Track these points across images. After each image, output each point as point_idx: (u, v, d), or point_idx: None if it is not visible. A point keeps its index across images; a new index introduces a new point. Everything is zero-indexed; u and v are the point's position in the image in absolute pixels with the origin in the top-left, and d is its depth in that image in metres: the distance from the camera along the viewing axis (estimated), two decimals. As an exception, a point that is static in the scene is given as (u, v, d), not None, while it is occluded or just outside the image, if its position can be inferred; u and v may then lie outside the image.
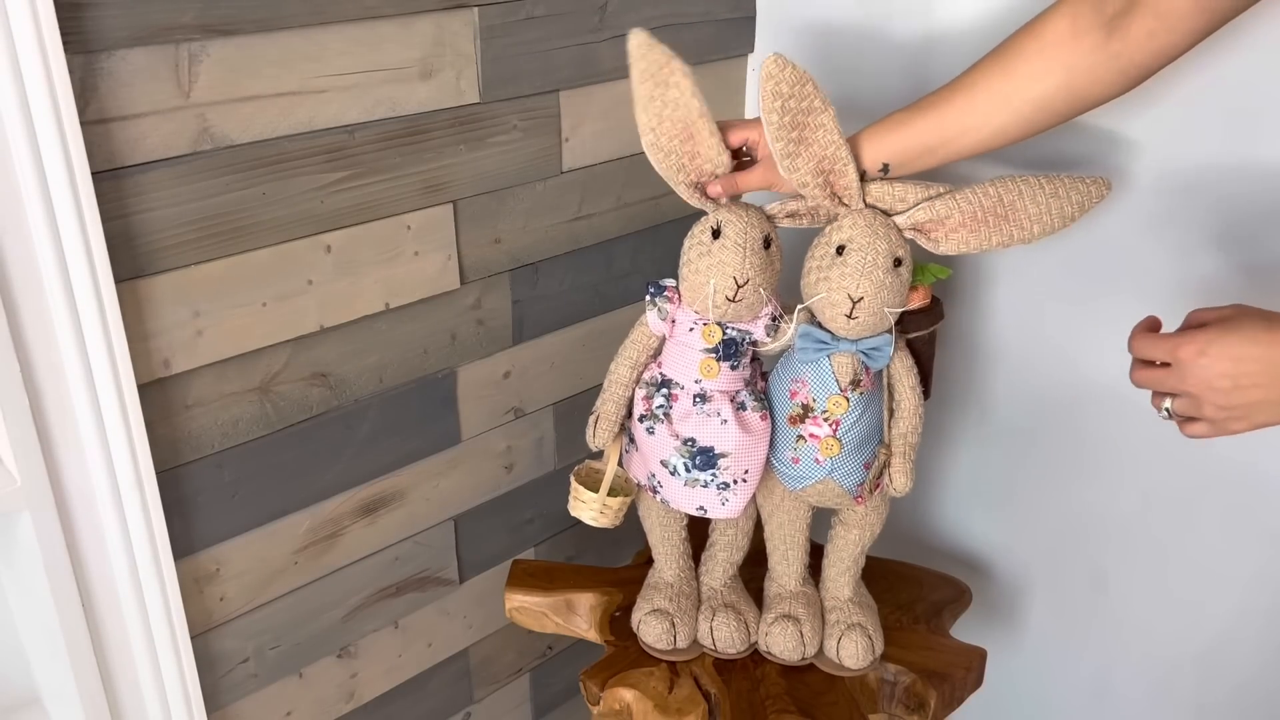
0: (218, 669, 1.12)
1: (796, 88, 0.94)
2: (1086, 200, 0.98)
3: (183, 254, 0.96)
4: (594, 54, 1.20)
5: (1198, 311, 0.83)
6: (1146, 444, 1.17)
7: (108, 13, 0.84)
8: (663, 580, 1.17)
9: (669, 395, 1.04)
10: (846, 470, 1.04)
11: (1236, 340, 0.76)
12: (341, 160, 1.03)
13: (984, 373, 1.29)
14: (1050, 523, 1.29)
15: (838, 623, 1.13)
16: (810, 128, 0.96)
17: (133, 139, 0.89)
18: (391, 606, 1.26)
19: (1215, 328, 0.78)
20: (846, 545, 1.13)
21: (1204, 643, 1.20)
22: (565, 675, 1.54)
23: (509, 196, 1.19)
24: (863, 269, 0.97)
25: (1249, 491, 1.12)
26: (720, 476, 1.04)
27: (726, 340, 1.02)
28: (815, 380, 1.02)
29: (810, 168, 0.97)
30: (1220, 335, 0.77)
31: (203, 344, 1.00)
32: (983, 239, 0.99)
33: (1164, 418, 0.84)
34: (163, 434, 1.00)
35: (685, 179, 1.00)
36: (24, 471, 0.90)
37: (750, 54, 1.38)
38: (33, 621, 1.02)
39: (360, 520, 1.19)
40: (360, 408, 1.14)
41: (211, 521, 1.06)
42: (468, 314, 1.20)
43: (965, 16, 1.17)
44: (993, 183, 0.97)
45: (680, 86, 0.96)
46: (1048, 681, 1.36)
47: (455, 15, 1.06)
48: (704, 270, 0.99)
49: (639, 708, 1.08)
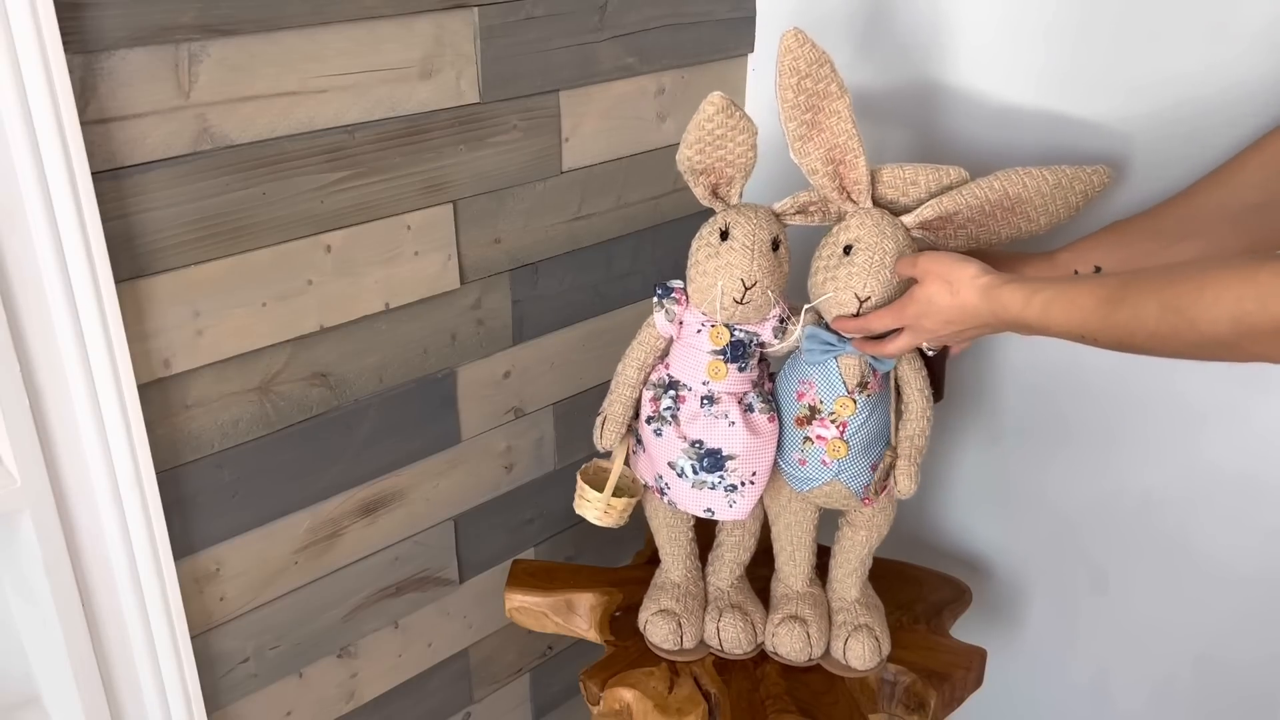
0: (218, 669, 1.12)
1: (814, 67, 0.93)
2: (1090, 189, 0.98)
3: (183, 254, 0.95)
4: (594, 54, 1.20)
5: (902, 263, 0.98)
6: (1147, 445, 1.17)
7: (108, 13, 0.84)
8: (670, 580, 1.17)
9: (676, 397, 1.04)
10: (853, 472, 1.04)
11: (935, 307, 0.93)
12: (341, 160, 1.03)
13: (986, 373, 1.29)
14: (1050, 523, 1.29)
15: (845, 623, 1.13)
16: (825, 112, 0.95)
17: (133, 139, 0.89)
18: (391, 606, 1.26)
19: (918, 303, 0.94)
20: (853, 546, 1.13)
21: (1204, 643, 1.20)
22: (565, 675, 1.54)
23: (509, 196, 1.19)
24: (870, 269, 0.97)
25: (1249, 492, 1.12)
26: (728, 479, 1.04)
27: (734, 342, 1.02)
28: (822, 382, 1.02)
29: (821, 154, 0.97)
30: (925, 307, 0.94)
31: (203, 344, 1.00)
32: (991, 233, 0.99)
33: (930, 352, 1.05)
34: (163, 434, 1.00)
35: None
36: (24, 471, 0.90)
37: (750, 54, 1.38)
38: (33, 621, 1.02)
39: (360, 520, 1.19)
40: (360, 408, 1.14)
41: (211, 521, 1.06)
42: (468, 314, 1.20)
43: (968, 17, 1.17)
44: (997, 176, 0.97)
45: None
46: (1047, 682, 1.36)
47: (455, 15, 1.06)
48: (712, 272, 0.99)
49: (639, 708, 1.08)
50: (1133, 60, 1.06)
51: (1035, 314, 0.84)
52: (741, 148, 0.97)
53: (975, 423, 1.32)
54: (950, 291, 0.91)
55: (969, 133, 1.20)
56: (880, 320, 0.98)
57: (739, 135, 0.96)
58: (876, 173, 1.00)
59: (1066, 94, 1.11)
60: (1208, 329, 0.71)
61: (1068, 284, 0.84)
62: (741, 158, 0.98)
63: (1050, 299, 0.83)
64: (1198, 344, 0.73)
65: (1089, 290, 0.81)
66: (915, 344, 0.98)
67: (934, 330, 0.95)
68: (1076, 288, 0.82)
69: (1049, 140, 1.13)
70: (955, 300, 0.91)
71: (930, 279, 0.93)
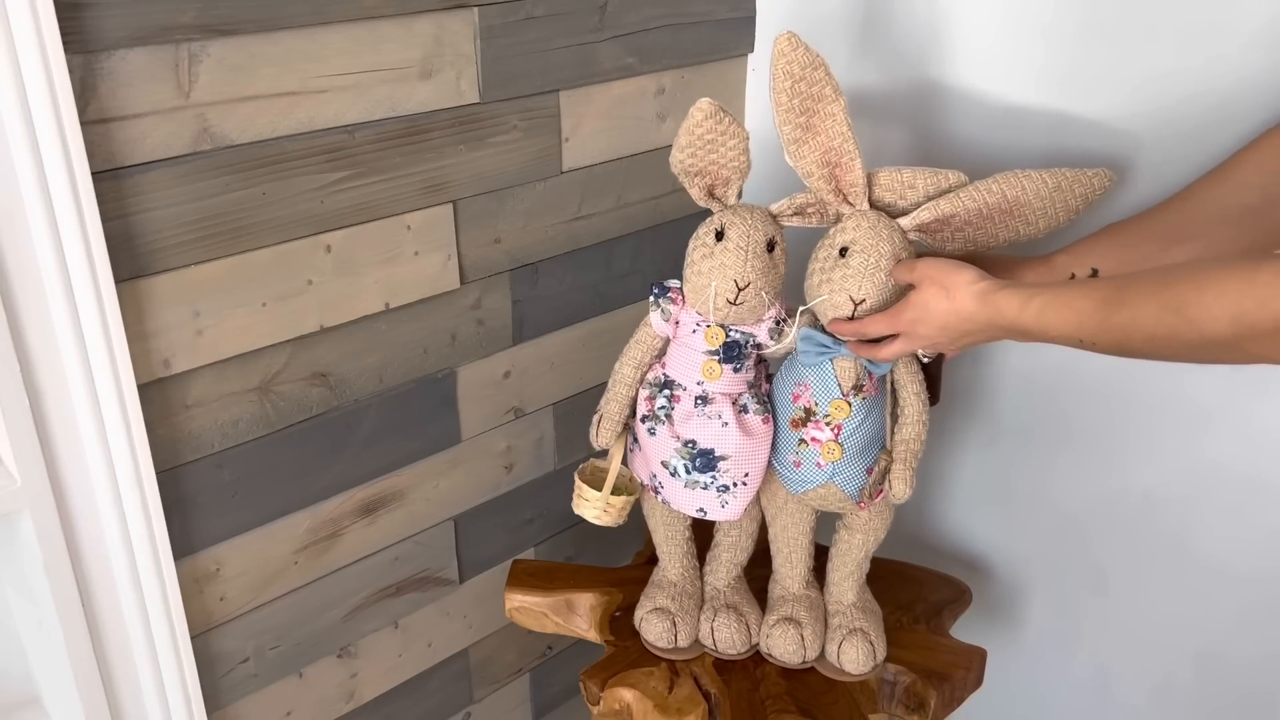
0: (218, 669, 1.12)
1: (808, 70, 0.93)
2: (1090, 193, 0.98)
3: (183, 254, 0.96)
4: (594, 54, 1.20)
5: (898, 268, 0.98)
6: (1147, 445, 1.17)
7: (108, 13, 0.84)
8: (666, 579, 1.17)
9: (671, 396, 1.04)
10: (848, 475, 1.04)
11: (931, 313, 0.93)
12: (341, 160, 1.03)
13: (985, 373, 1.29)
14: (1050, 523, 1.29)
15: (840, 627, 1.12)
16: (820, 115, 0.95)
17: (133, 139, 0.89)
18: (391, 606, 1.26)
19: (914, 308, 0.94)
20: (850, 549, 1.13)
21: (1205, 641, 1.20)
22: (565, 675, 1.54)
23: (509, 196, 1.19)
24: (865, 271, 0.96)
25: (1249, 492, 1.12)
26: (720, 479, 1.04)
27: (729, 343, 1.02)
28: (818, 384, 1.02)
29: (816, 158, 0.97)
30: (921, 312, 0.94)
31: (203, 344, 1.00)
32: (989, 236, 0.99)
33: (926, 358, 1.05)
34: (163, 434, 1.00)
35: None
36: (24, 471, 0.90)
37: (750, 54, 1.38)
38: (33, 621, 1.02)
39: (360, 520, 1.19)
40: (360, 408, 1.14)
41: (211, 521, 1.06)
42: (468, 314, 1.20)
43: (968, 18, 1.17)
44: (995, 179, 0.96)
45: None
46: (1048, 681, 1.36)
47: (455, 15, 1.06)
48: (706, 272, 0.99)
49: (639, 708, 1.08)
50: (1132, 59, 1.06)
51: (1032, 318, 0.84)
52: (733, 152, 0.97)
53: (976, 422, 1.32)
54: (946, 297, 0.91)
55: (968, 132, 1.20)
56: (875, 325, 0.97)
57: (729, 140, 0.96)
58: (874, 175, 1.00)
59: (1065, 93, 1.11)
60: (1207, 329, 0.71)
61: (1064, 287, 0.83)
62: (734, 161, 0.98)
63: (1047, 303, 0.83)
64: (1197, 345, 0.73)
65: (1086, 293, 0.81)
66: (910, 350, 0.98)
67: (929, 336, 0.95)
68: (1073, 291, 0.82)
69: (1048, 140, 1.13)
70: (951, 305, 0.91)
71: (926, 284, 0.93)
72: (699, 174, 0.99)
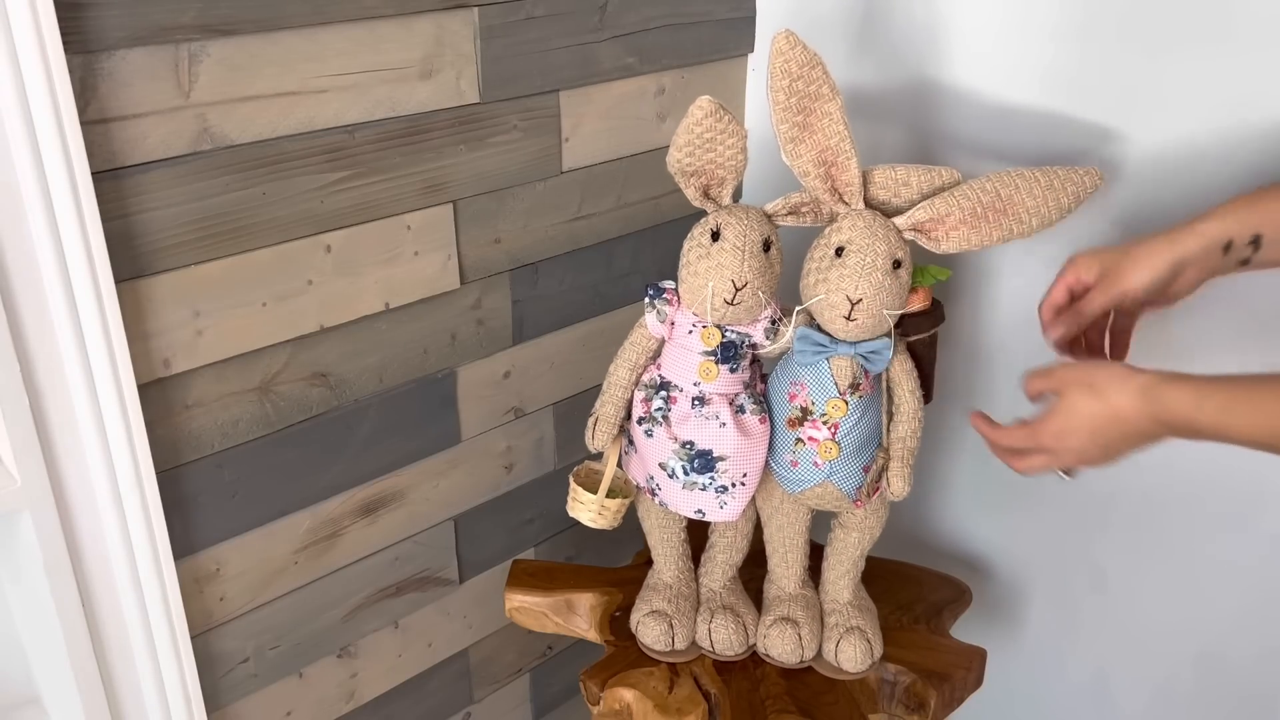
0: (218, 669, 1.12)
1: (806, 69, 0.94)
2: (1081, 191, 0.98)
3: (183, 254, 0.96)
4: (594, 54, 1.20)
5: (1033, 378, 0.90)
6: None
7: (108, 13, 0.84)
8: (661, 581, 1.17)
9: (668, 398, 1.04)
10: (845, 474, 1.04)
11: (1080, 419, 0.84)
12: (341, 160, 1.03)
13: (984, 372, 1.29)
14: (1050, 523, 1.29)
15: (836, 625, 1.12)
16: (816, 114, 0.95)
17: (133, 139, 0.89)
18: (391, 606, 1.26)
19: (1059, 416, 0.85)
20: (846, 548, 1.13)
21: (1204, 643, 1.20)
22: (565, 675, 1.54)
23: (509, 196, 1.19)
24: (861, 270, 0.97)
25: (1249, 492, 1.11)
26: (718, 480, 1.04)
27: (725, 343, 1.02)
28: (814, 383, 1.02)
29: (812, 156, 0.97)
30: (1067, 420, 0.85)
31: (203, 344, 1.00)
32: (983, 235, 0.99)
33: (1066, 479, 0.95)
34: (163, 434, 1.00)
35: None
36: (24, 471, 0.90)
37: (750, 54, 1.38)
38: (33, 621, 1.02)
39: (360, 520, 1.19)
40: (360, 408, 1.14)
41: (211, 521, 1.06)
42: (468, 314, 1.20)
43: (967, 18, 1.17)
44: (988, 178, 0.97)
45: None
46: (1047, 681, 1.36)
47: (455, 15, 1.06)
48: (702, 273, 0.99)
49: (639, 708, 1.08)
50: (1131, 58, 1.06)
51: (1210, 419, 0.74)
52: (731, 150, 0.97)
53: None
54: (1097, 398, 0.81)
55: (966, 132, 1.20)
56: (1012, 437, 0.90)
57: (728, 139, 0.96)
58: (869, 174, 1.00)
59: (1064, 93, 1.11)
60: None
61: (1250, 382, 0.73)
62: (732, 160, 0.98)
63: (1229, 402, 0.73)
64: None
65: (1278, 390, 0.70)
66: (1054, 466, 0.89)
67: (1080, 449, 0.84)
68: (1264, 388, 0.72)
69: (1047, 140, 1.13)
70: (1105, 407, 0.80)
71: (1070, 389, 0.83)
72: (695, 174, 0.99)
